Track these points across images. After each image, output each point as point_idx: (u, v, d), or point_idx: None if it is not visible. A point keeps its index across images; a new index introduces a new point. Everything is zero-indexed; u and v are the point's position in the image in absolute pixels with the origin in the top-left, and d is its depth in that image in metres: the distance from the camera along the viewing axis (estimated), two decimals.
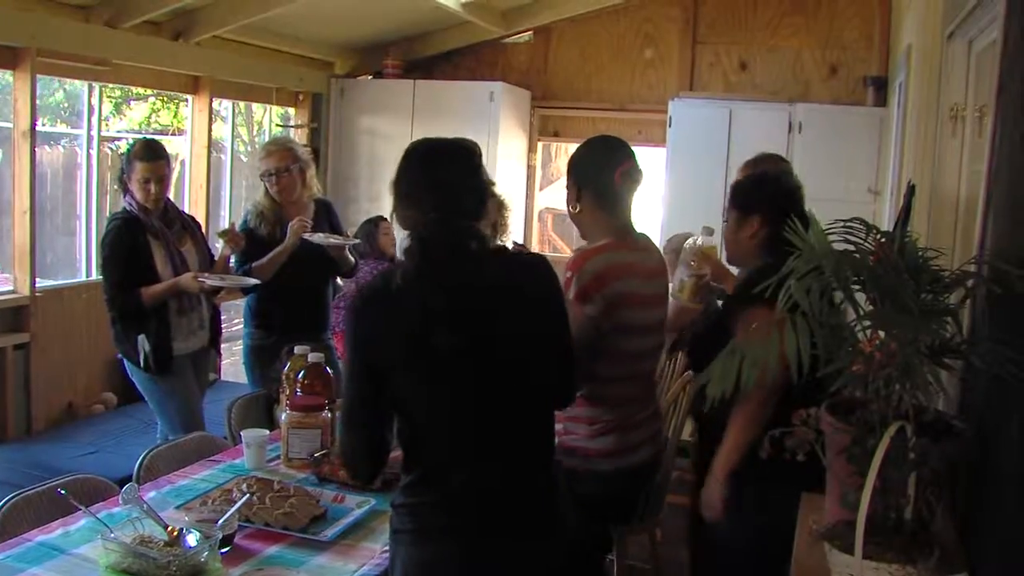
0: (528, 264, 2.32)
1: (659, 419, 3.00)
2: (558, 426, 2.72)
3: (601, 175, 2.80)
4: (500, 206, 4.71)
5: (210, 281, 4.17)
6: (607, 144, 2.91)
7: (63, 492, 2.63)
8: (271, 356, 4.15)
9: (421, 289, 2.10)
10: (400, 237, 2.38)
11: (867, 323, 1.79)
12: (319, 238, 4.54)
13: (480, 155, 2.34)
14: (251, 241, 4.49)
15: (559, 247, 9.08)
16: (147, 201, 4.17)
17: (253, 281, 4.34)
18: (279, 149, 4.58)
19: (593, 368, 2.74)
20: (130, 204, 4.20)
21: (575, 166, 2.87)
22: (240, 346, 4.86)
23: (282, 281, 4.49)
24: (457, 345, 2.09)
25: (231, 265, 4.44)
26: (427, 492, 2.18)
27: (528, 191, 8.47)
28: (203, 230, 4.68)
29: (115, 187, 4.34)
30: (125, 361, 4.33)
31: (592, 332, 2.69)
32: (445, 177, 2.20)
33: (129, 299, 4.13)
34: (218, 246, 4.46)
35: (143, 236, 4.18)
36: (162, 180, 4.21)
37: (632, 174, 2.82)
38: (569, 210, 2.89)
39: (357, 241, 5.40)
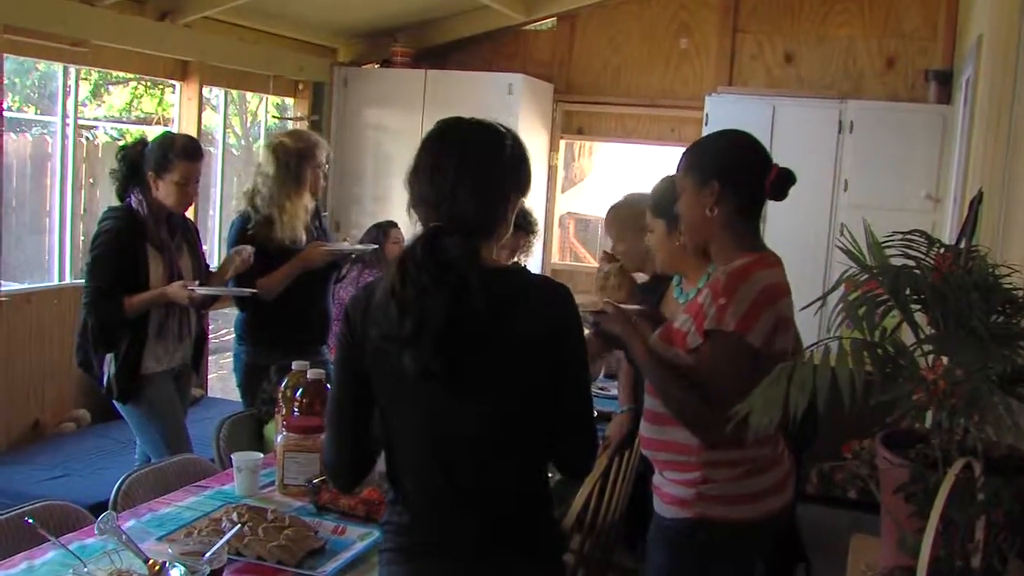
0: (540, 294, 2.24)
1: (790, 458, 2.83)
2: (694, 474, 2.64)
3: (753, 177, 2.64)
4: (528, 227, 4.74)
5: (200, 291, 4.15)
6: (755, 142, 2.74)
7: (30, 521, 2.63)
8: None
9: (392, 311, 2.10)
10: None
11: (929, 347, 1.79)
12: (345, 246, 4.71)
13: (507, 148, 2.24)
14: (258, 252, 4.43)
15: (581, 255, 9.08)
16: (180, 205, 4.21)
17: (249, 291, 4.33)
18: (321, 141, 4.67)
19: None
20: (139, 203, 4.18)
21: (716, 160, 2.70)
22: (229, 359, 4.87)
23: (287, 291, 4.50)
24: (422, 374, 2.11)
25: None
26: (404, 512, 2.26)
27: (549, 194, 8.47)
28: (201, 239, 4.67)
29: (116, 180, 4.27)
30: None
31: (753, 366, 2.47)
32: (444, 180, 2.17)
33: (110, 308, 4.11)
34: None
35: (142, 244, 4.17)
36: (198, 181, 4.26)
37: (786, 178, 2.66)
38: (700, 213, 2.68)
39: (375, 247, 5.53)
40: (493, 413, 2.19)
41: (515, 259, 4.73)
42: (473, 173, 2.18)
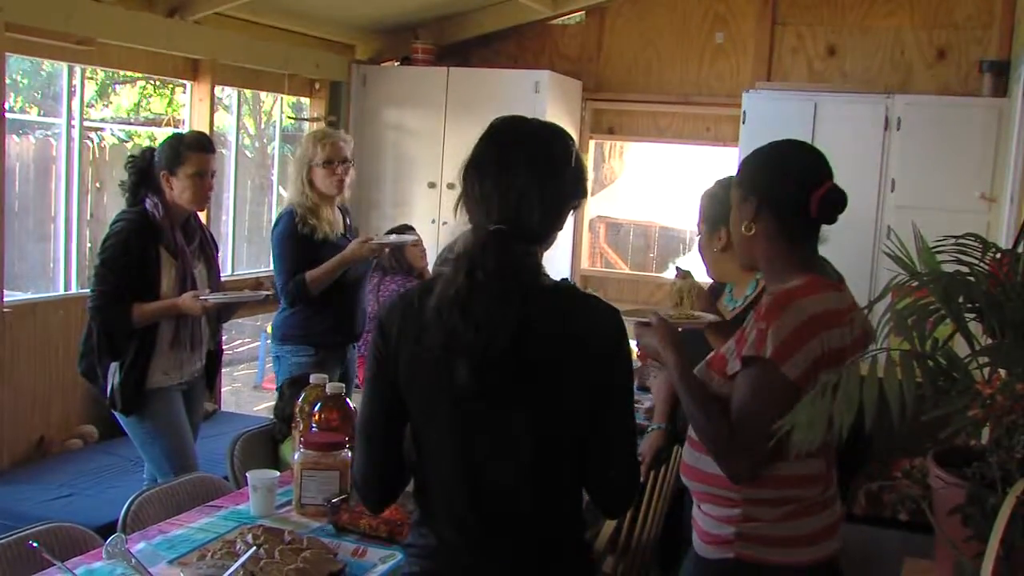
0: (591, 315, 2.24)
1: (840, 503, 2.72)
2: (735, 511, 2.57)
3: (793, 195, 2.57)
4: None
5: (212, 299, 4.18)
6: (804, 154, 2.68)
7: (34, 544, 2.64)
8: None
9: (452, 315, 2.10)
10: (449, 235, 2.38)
11: (984, 359, 1.78)
12: (392, 239, 5.14)
13: (572, 151, 2.28)
14: (304, 247, 4.75)
15: (612, 261, 9.08)
16: (197, 200, 4.25)
17: (264, 293, 4.44)
18: (342, 139, 4.96)
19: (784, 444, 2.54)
20: (154, 206, 4.18)
21: (754, 175, 2.65)
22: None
23: (337, 286, 4.79)
24: (475, 388, 2.11)
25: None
26: (430, 534, 2.26)
27: None
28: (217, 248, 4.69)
29: (126, 191, 4.28)
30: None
31: (790, 403, 2.30)
32: (510, 179, 2.17)
33: (117, 314, 4.10)
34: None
35: (154, 247, 4.17)
36: (214, 176, 4.33)
37: (835, 201, 2.59)
38: (738, 229, 2.65)
39: (415, 238, 5.97)
40: (530, 437, 2.18)
41: None
42: (542, 179, 2.19)
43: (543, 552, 2.24)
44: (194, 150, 4.20)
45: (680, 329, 2.84)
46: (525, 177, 2.17)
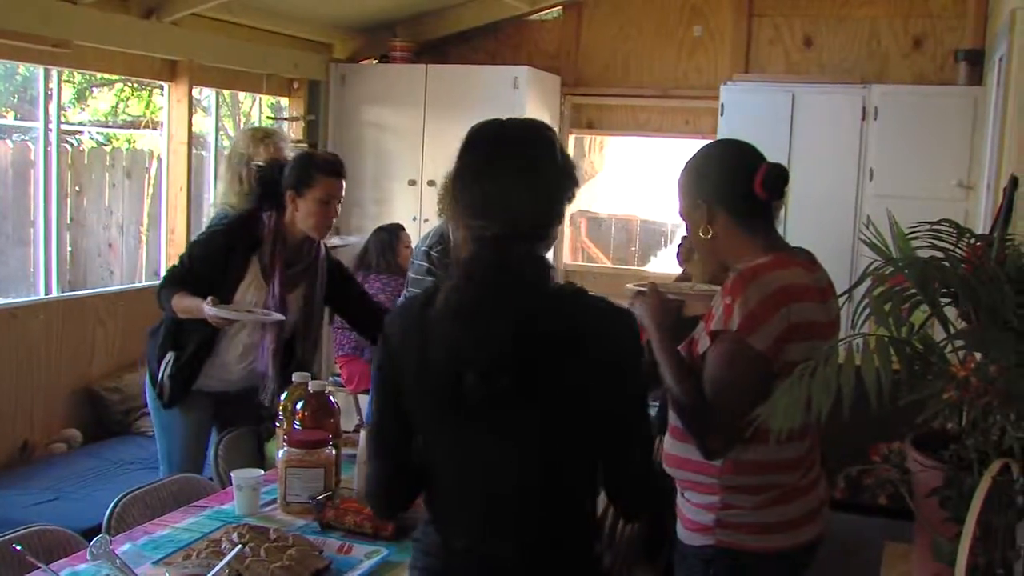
0: (606, 316, 2.19)
1: (824, 486, 2.77)
2: (714, 498, 2.59)
3: (739, 185, 2.61)
4: None
5: (213, 311, 3.81)
6: (735, 147, 2.74)
7: (18, 547, 2.64)
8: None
9: (455, 328, 2.07)
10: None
11: (960, 343, 1.79)
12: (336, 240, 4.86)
13: (556, 144, 2.22)
14: None
15: (593, 255, 9.08)
16: (320, 228, 4.02)
17: (278, 317, 3.99)
18: (280, 140, 4.79)
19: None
20: (268, 219, 3.98)
21: (698, 180, 2.68)
22: None
23: None
24: (486, 397, 2.06)
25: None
26: (434, 534, 2.24)
27: None
28: (324, 282, 4.26)
29: (251, 196, 4.12)
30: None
31: (761, 375, 2.43)
32: (501, 183, 2.13)
33: (165, 295, 3.95)
34: None
35: (246, 255, 3.97)
36: (340, 203, 4.07)
37: (777, 176, 2.61)
38: (698, 236, 2.68)
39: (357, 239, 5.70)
40: (537, 442, 2.15)
41: None
42: (528, 178, 2.15)
43: (547, 556, 2.20)
44: (325, 173, 3.98)
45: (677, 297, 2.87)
46: (511, 179, 2.13)
